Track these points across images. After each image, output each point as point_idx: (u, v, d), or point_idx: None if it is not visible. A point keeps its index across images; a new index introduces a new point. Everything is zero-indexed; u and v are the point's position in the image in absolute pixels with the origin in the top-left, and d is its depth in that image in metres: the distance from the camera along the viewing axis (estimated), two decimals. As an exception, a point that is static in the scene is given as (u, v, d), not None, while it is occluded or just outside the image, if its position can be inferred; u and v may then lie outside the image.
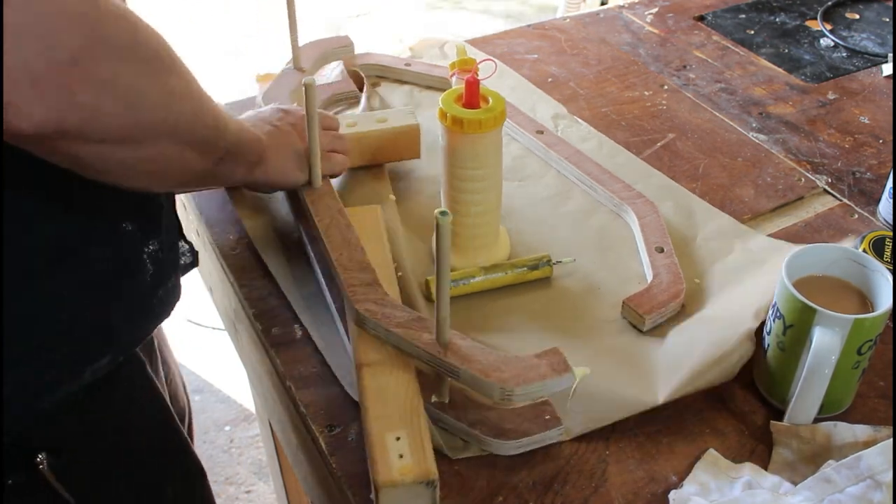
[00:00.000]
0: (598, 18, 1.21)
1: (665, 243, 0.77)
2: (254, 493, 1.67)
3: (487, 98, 0.71)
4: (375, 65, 1.03)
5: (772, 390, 0.66)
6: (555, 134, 0.93)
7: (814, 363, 0.58)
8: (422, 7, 3.49)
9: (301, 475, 0.76)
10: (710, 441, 0.63)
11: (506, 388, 0.55)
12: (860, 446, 0.59)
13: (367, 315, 0.62)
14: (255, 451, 1.74)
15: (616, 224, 0.83)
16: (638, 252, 0.79)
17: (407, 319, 0.61)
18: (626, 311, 0.72)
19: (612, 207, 0.84)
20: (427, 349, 0.58)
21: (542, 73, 1.07)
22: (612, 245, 0.80)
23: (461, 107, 0.70)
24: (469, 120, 0.69)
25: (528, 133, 0.92)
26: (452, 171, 0.73)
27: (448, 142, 0.72)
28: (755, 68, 1.09)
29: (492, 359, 0.57)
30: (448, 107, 0.70)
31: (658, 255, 0.76)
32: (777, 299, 0.63)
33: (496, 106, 0.70)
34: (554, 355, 0.58)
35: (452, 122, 0.70)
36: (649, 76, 1.07)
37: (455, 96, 0.71)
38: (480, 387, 0.57)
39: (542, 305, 0.74)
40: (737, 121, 0.99)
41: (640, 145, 0.94)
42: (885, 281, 0.62)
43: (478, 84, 0.70)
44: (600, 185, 0.85)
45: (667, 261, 0.75)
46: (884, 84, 1.06)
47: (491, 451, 0.61)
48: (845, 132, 0.97)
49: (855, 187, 0.88)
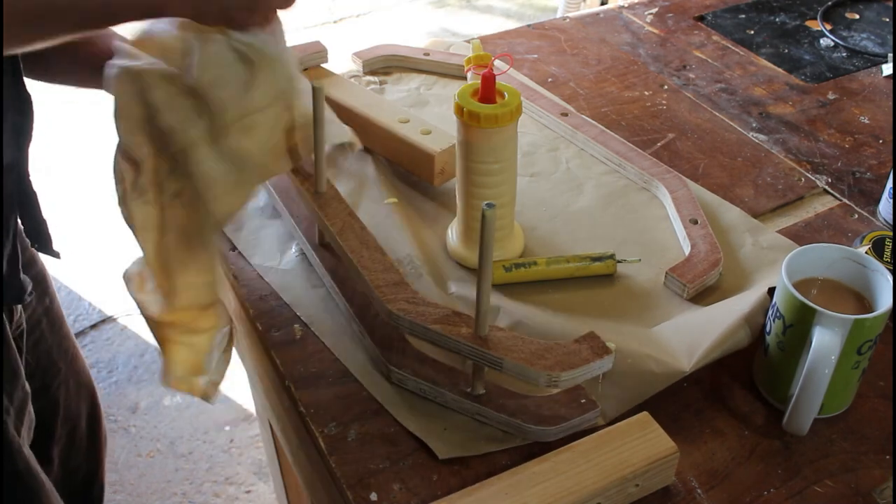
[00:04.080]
0: (598, 18, 1.21)
1: (699, 215, 0.80)
2: (254, 493, 1.67)
3: (503, 93, 0.72)
4: (394, 56, 1.04)
5: (772, 390, 0.66)
6: (579, 116, 0.95)
7: (814, 363, 0.58)
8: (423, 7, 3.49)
9: (301, 475, 0.76)
10: (710, 441, 0.63)
11: (552, 375, 0.57)
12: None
13: (401, 314, 0.62)
14: (255, 451, 1.74)
15: (640, 201, 0.85)
16: (672, 225, 0.81)
17: (443, 315, 0.62)
18: (669, 281, 0.74)
19: (643, 184, 0.86)
20: (468, 343, 0.59)
21: (542, 73, 1.07)
22: (643, 223, 0.82)
23: (477, 101, 0.71)
24: (486, 114, 0.69)
25: (552, 115, 0.94)
26: (468, 166, 0.73)
27: (464, 136, 0.72)
28: (755, 68, 1.09)
29: (533, 348, 0.59)
30: (464, 101, 0.71)
31: (693, 226, 0.79)
32: (777, 299, 0.63)
33: (512, 100, 0.71)
34: (592, 339, 0.60)
35: (469, 116, 0.70)
36: (649, 76, 1.07)
37: (471, 91, 0.72)
38: (526, 375, 0.58)
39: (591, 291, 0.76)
40: (737, 121, 0.99)
41: (640, 145, 0.94)
42: (885, 281, 0.62)
43: (494, 79, 0.71)
44: (629, 163, 0.87)
45: (702, 231, 0.79)
46: (884, 84, 1.06)
47: (533, 439, 0.62)
48: (845, 132, 0.97)
49: (855, 187, 0.88)
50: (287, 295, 0.75)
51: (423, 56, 1.04)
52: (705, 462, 0.62)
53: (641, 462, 0.57)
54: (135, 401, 1.84)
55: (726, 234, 0.80)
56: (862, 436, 0.64)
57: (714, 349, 0.66)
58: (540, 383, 0.58)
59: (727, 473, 0.61)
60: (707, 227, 0.79)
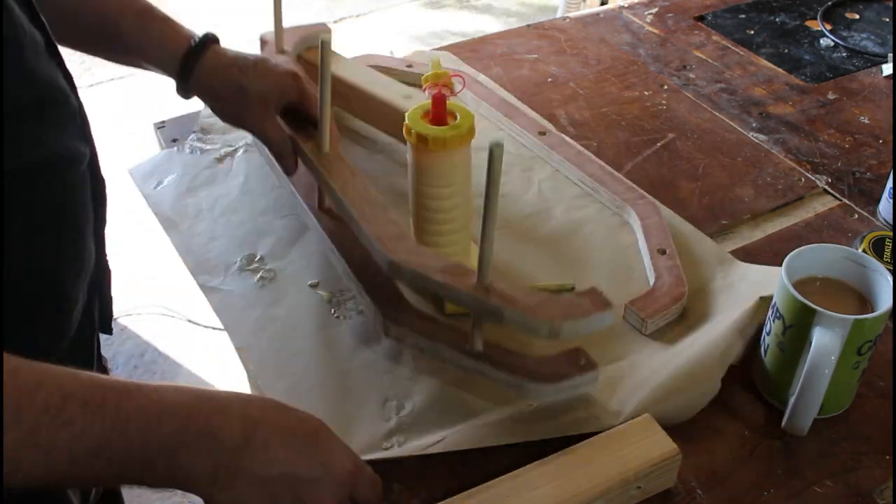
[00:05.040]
0: (598, 18, 1.21)
1: (668, 245, 0.77)
2: (254, 493, 1.67)
3: (455, 114, 0.68)
4: (377, 67, 1.03)
5: (772, 390, 0.66)
6: (557, 135, 0.93)
7: (814, 363, 0.58)
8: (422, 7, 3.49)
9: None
10: (710, 441, 0.63)
11: (554, 324, 0.57)
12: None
13: (403, 264, 0.61)
14: (255, 452, 1.74)
15: (611, 227, 0.82)
16: (640, 254, 0.78)
17: (445, 266, 0.61)
18: (629, 314, 0.71)
19: (615, 209, 0.83)
20: (471, 293, 0.59)
21: (542, 73, 1.07)
22: (610, 251, 0.79)
23: (428, 123, 0.67)
24: (434, 137, 0.66)
25: (529, 134, 0.92)
26: (419, 189, 0.70)
27: (414, 158, 0.69)
28: (755, 68, 1.09)
29: (535, 298, 0.59)
30: (414, 123, 0.67)
31: (660, 257, 0.76)
32: (777, 299, 0.63)
33: (463, 123, 0.67)
34: (594, 294, 0.59)
35: (417, 139, 0.67)
36: (649, 76, 1.07)
37: (422, 112, 0.68)
38: (528, 325, 0.58)
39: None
40: (737, 121, 0.98)
41: (640, 145, 0.94)
42: (885, 281, 0.62)
43: (444, 100, 0.67)
44: (602, 187, 0.84)
45: (669, 263, 0.75)
46: (884, 84, 1.06)
47: (530, 399, 0.62)
48: (845, 132, 0.97)
49: (855, 187, 0.88)
50: (225, 317, 0.73)
51: (405, 68, 1.02)
52: (705, 462, 0.62)
53: (644, 464, 0.57)
54: (135, 401, 1.84)
55: (698, 266, 0.76)
56: (862, 436, 0.64)
57: (656, 402, 0.63)
58: (541, 333, 0.57)
59: (727, 474, 0.61)
60: (675, 259, 0.75)
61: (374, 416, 0.64)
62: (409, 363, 0.68)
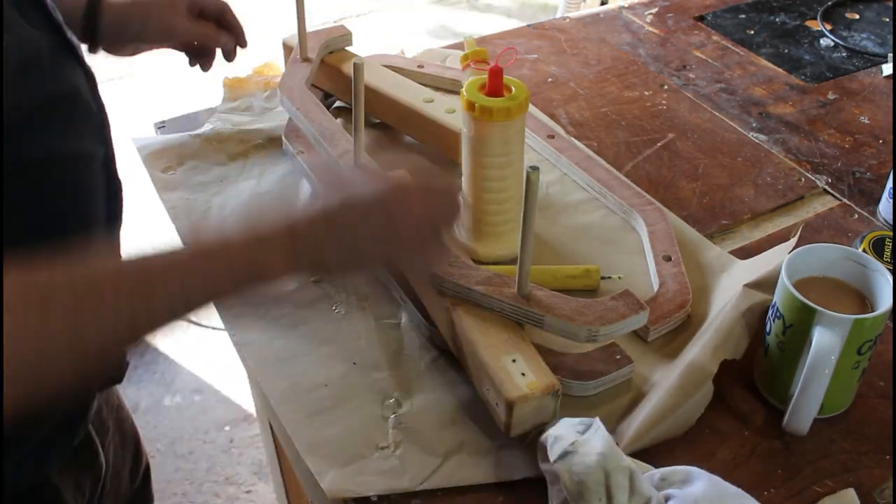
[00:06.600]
0: (598, 18, 1.21)
1: (673, 252, 0.76)
2: (254, 493, 1.67)
3: (510, 87, 0.72)
4: (388, 66, 1.03)
5: (772, 390, 0.66)
6: (566, 139, 0.92)
7: (814, 363, 0.58)
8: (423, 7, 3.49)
9: (301, 475, 0.76)
10: (709, 441, 0.63)
11: (592, 330, 0.61)
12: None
13: (445, 276, 0.65)
14: (255, 451, 1.74)
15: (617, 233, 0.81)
16: (646, 261, 0.78)
17: (485, 277, 0.65)
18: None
19: (622, 215, 0.83)
20: (512, 302, 0.63)
21: (542, 73, 1.07)
22: (615, 256, 0.78)
23: (485, 96, 0.71)
24: (498, 108, 0.70)
25: (538, 137, 0.92)
26: (478, 160, 0.73)
27: (475, 131, 0.72)
28: (755, 68, 1.09)
29: (573, 305, 0.63)
30: (474, 97, 0.71)
31: (665, 263, 0.75)
32: (777, 299, 0.63)
33: (520, 93, 0.71)
34: (628, 297, 0.64)
35: (481, 111, 0.70)
36: (649, 76, 1.07)
37: (478, 86, 0.72)
38: (567, 331, 0.62)
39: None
40: (737, 121, 0.99)
41: (640, 145, 0.94)
42: (885, 281, 0.62)
43: (501, 72, 0.71)
44: (610, 192, 0.84)
45: (674, 270, 0.74)
46: (884, 84, 1.06)
47: (571, 393, 0.65)
48: (845, 132, 0.97)
49: (855, 187, 0.88)
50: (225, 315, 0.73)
51: (416, 68, 1.02)
52: (705, 462, 0.62)
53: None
54: (135, 401, 1.84)
55: (704, 274, 0.76)
56: (862, 436, 0.64)
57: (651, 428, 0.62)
58: (580, 338, 0.62)
59: (727, 473, 0.61)
60: (680, 266, 0.74)
61: (374, 413, 0.65)
62: (410, 361, 0.69)
